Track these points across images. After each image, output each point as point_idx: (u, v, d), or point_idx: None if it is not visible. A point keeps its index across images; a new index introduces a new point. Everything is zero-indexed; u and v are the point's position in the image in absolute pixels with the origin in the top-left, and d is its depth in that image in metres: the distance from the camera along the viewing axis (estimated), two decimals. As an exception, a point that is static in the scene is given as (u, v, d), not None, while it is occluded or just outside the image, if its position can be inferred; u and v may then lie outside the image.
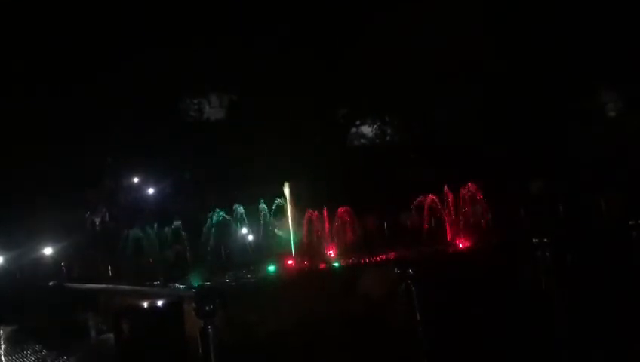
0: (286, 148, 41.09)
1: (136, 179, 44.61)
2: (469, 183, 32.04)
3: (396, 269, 19.96)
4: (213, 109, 47.40)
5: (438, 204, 33.56)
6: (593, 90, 42.47)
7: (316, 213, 35.57)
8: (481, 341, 16.60)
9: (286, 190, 34.42)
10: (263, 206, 35.99)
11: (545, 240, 23.79)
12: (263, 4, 42.73)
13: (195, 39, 42.42)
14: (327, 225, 36.07)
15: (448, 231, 33.89)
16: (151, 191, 44.33)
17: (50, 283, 35.02)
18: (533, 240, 24.40)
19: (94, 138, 41.34)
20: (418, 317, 18.37)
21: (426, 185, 39.71)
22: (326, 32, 43.97)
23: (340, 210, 35.74)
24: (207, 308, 15.61)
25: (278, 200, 34.97)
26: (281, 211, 37.07)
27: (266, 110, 42.88)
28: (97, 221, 43.79)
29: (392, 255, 32.69)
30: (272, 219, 38.21)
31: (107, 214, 43.71)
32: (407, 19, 40.85)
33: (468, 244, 30.39)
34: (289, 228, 36.04)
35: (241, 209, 36.84)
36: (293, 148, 41.39)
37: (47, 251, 39.52)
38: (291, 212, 38.34)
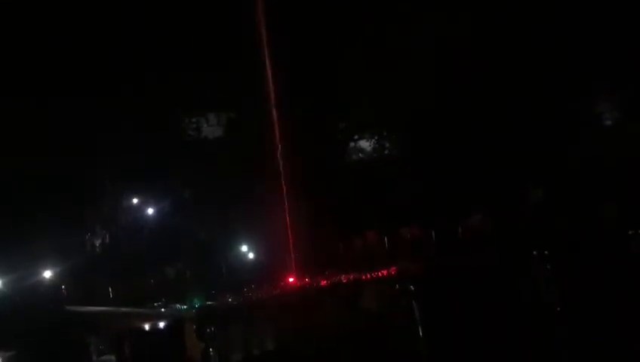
0: (285, 165, 41.11)
1: (135, 200, 44.64)
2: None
3: (397, 285, 19.97)
4: (211, 127, 47.46)
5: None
6: (591, 96, 42.47)
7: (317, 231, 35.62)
8: (482, 355, 16.55)
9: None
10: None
11: (545, 252, 23.82)
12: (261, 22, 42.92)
13: (193, 61, 42.64)
14: (327, 243, 36.13)
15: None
16: (150, 210, 44.34)
17: (51, 306, 34.88)
18: (534, 252, 24.44)
19: (93, 158, 41.44)
20: (420, 334, 18.35)
21: (423, 197, 39.87)
22: (321, 44, 44.16)
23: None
24: (208, 330, 15.59)
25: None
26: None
27: (264, 127, 42.94)
28: (97, 242, 43.74)
29: (393, 269, 32.71)
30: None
31: (107, 235, 43.67)
32: (403, 29, 41.06)
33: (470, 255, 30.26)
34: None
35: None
36: (291, 165, 41.41)
37: (47, 274, 39.46)
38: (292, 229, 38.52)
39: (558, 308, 20.14)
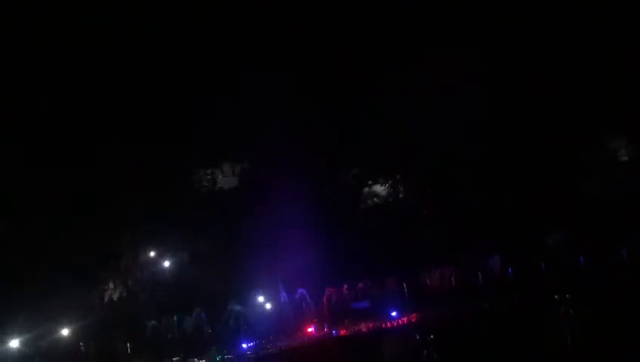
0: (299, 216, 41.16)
1: (152, 253, 44.70)
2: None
3: (417, 336, 19.64)
4: (225, 178, 47.75)
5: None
6: (604, 138, 42.37)
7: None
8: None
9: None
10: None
11: (567, 296, 23.34)
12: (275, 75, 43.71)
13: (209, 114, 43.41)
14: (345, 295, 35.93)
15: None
16: (167, 264, 44.34)
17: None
18: (555, 296, 23.95)
19: (110, 215, 41.77)
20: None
21: (442, 242, 39.54)
22: (333, 95, 44.72)
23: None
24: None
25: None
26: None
27: (278, 179, 43.23)
28: (115, 297, 43.66)
29: (413, 317, 32.22)
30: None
31: (125, 291, 43.60)
32: (412, 82, 41.56)
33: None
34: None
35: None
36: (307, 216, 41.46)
37: (65, 332, 39.28)
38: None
39: (582, 352, 19.57)
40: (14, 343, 36.14)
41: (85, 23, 42.46)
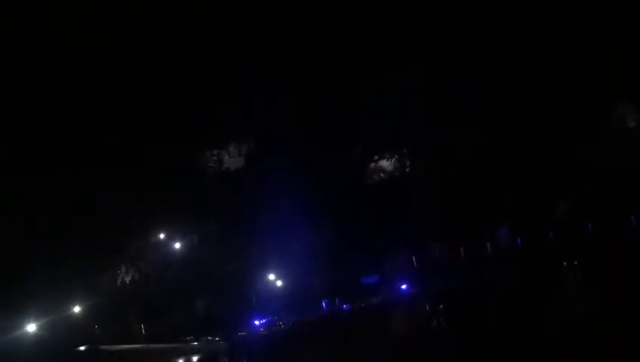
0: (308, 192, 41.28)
1: (162, 235, 45.05)
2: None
3: (426, 306, 19.78)
4: (232, 159, 47.84)
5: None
6: (613, 103, 41.99)
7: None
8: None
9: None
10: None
11: (575, 262, 23.40)
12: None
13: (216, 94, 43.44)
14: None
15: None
16: (177, 245, 44.68)
17: (84, 347, 35.10)
18: (564, 263, 24.03)
19: (119, 196, 42.13)
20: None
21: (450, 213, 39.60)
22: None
23: None
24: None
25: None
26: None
27: (286, 157, 43.35)
28: (128, 280, 44.12)
29: (422, 288, 32.42)
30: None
31: (137, 272, 44.03)
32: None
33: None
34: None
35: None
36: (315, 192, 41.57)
37: (78, 312, 39.75)
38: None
39: (591, 319, 19.64)
40: (31, 327, 36.65)
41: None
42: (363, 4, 43.46)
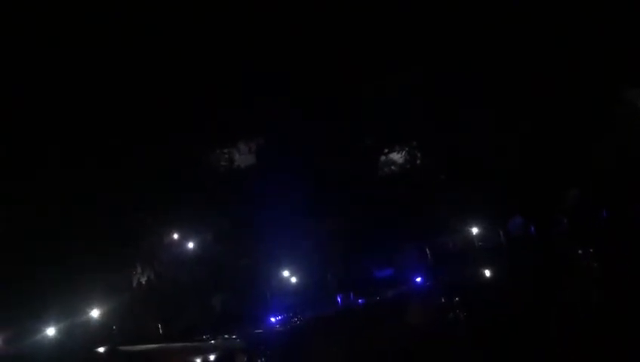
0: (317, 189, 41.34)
1: (175, 235, 45.31)
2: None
3: (442, 299, 19.78)
4: (242, 156, 48.01)
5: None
6: (621, 93, 41.63)
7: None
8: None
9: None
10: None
11: (590, 250, 23.30)
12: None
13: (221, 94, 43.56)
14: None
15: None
16: (190, 244, 44.93)
17: (103, 349, 35.39)
18: (579, 251, 23.91)
19: (133, 198, 42.36)
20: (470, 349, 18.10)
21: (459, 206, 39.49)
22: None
23: None
24: (259, 361, 15.67)
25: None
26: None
27: (294, 153, 43.36)
28: (143, 280, 44.42)
29: (437, 281, 32.40)
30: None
31: (152, 272, 44.31)
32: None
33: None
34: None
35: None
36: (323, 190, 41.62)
37: (96, 313, 40.05)
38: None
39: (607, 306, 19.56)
40: (50, 331, 37.02)
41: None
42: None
